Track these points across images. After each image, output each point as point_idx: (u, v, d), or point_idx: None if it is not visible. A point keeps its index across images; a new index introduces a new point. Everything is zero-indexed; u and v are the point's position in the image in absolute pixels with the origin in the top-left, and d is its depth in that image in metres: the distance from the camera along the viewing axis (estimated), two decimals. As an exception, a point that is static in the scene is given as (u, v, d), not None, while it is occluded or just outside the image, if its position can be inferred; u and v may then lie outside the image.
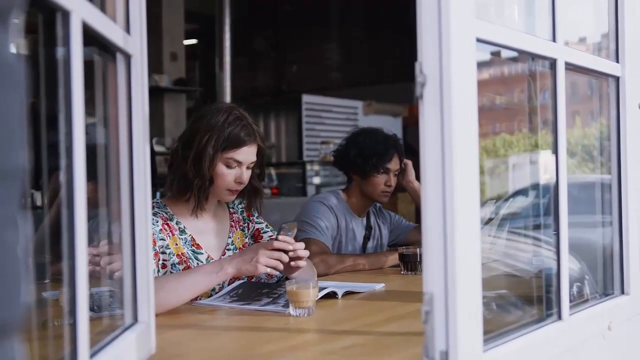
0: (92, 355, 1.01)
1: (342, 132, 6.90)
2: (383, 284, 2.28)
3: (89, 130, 1.00)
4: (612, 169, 1.72)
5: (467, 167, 1.10)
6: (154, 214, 2.06)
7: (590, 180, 1.82)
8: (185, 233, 2.12)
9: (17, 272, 0.59)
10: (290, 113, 8.56)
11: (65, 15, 0.93)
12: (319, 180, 7.65)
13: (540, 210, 1.61)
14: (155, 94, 6.74)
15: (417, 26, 1.09)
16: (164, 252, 2.04)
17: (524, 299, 1.56)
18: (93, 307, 1.23)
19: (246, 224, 2.28)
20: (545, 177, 1.57)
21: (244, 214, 2.29)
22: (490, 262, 1.53)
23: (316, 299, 1.80)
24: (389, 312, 1.88)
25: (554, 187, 1.44)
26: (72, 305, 0.94)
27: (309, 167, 7.66)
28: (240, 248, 2.22)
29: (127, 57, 1.27)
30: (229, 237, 2.22)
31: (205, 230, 2.17)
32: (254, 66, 10.12)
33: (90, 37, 1.03)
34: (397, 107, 8.59)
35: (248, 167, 2.11)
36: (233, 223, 2.25)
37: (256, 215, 2.32)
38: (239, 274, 1.94)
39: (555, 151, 1.43)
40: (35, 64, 0.89)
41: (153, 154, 6.37)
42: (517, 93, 1.75)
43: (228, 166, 2.08)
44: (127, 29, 1.27)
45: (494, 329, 1.24)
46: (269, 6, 9.92)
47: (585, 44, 1.83)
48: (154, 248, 1.97)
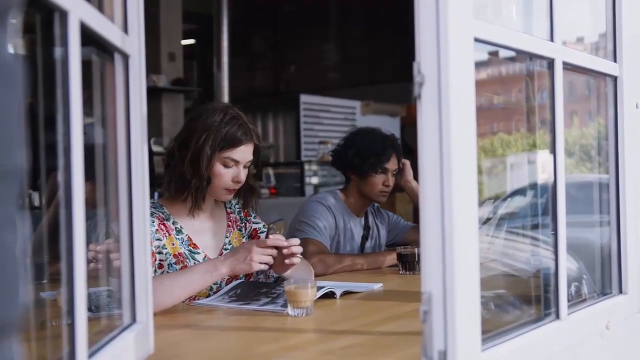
0: (90, 355, 1.01)
1: (340, 132, 6.91)
2: (381, 284, 2.28)
3: (86, 130, 1.00)
4: (610, 168, 1.72)
5: (465, 167, 1.10)
6: (150, 214, 2.05)
7: (588, 180, 1.82)
8: (182, 233, 2.12)
9: (15, 272, 0.59)
10: (288, 113, 8.55)
11: (63, 15, 0.93)
12: (317, 180, 7.65)
13: (538, 210, 1.61)
14: (153, 94, 6.73)
15: (415, 26, 1.09)
16: (160, 252, 2.04)
17: (522, 299, 1.56)
18: (91, 307, 1.23)
19: (243, 224, 2.28)
20: (543, 177, 1.57)
21: (241, 214, 2.29)
22: (488, 262, 1.53)
23: (314, 298, 1.80)
24: (387, 311, 1.88)
25: (552, 186, 1.44)
26: (71, 305, 0.94)
27: (307, 167, 7.65)
28: None
29: (125, 57, 1.27)
30: (226, 237, 2.22)
31: (202, 230, 2.17)
32: (252, 66, 10.12)
33: (88, 37, 1.03)
34: (395, 107, 8.59)
35: (245, 166, 2.12)
36: (230, 223, 2.25)
37: (253, 215, 2.32)
38: (232, 273, 1.95)
39: (553, 151, 1.43)
40: (33, 64, 0.89)
41: (151, 154, 6.36)
42: (515, 93, 1.75)
43: (225, 165, 2.08)
44: (125, 29, 1.27)
45: (492, 329, 1.24)
46: (267, 6, 9.92)
47: (583, 44, 1.83)
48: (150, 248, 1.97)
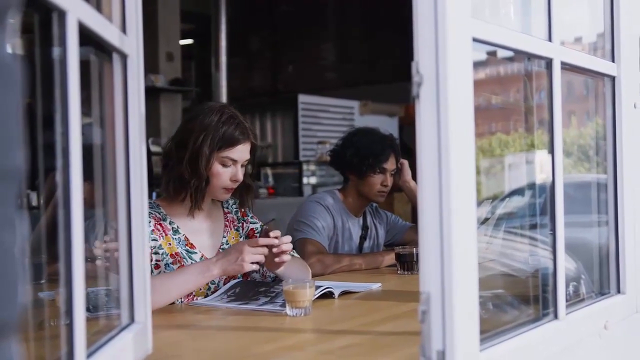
0: (88, 356, 1.01)
1: (338, 132, 6.89)
2: (379, 284, 2.28)
3: (85, 130, 1.00)
4: (608, 168, 1.73)
5: (463, 167, 1.10)
6: None
7: (586, 180, 1.82)
8: (179, 233, 2.12)
9: (14, 272, 0.59)
10: (286, 113, 8.55)
11: (62, 15, 0.93)
12: (316, 180, 7.64)
13: (536, 210, 1.61)
14: (151, 94, 6.73)
15: (414, 26, 1.09)
16: (156, 253, 2.04)
17: (520, 299, 1.56)
18: (89, 307, 1.22)
19: (240, 224, 2.29)
20: (541, 177, 1.57)
21: (238, 214, 2.30)
22: (486, 262, 1.53)
23: (313, 298, 1.80)
24: (386, 311, 1.88)
25: (550, 186, 1.44)
26: (69, 305, 0.94)
27: (305, 167, 7.64)
28: None
29: (124, 57, 1.27)
30: (224, 237, 2.22)
31: (199, 230, 2.17)
32: (250, 66, 10.12)
33: (87, 37, 1.03)
34: (393, 107, 8.58)
35: (242, 165, 2.13)
36: (227, 223, 2.26)
37: (250, 215, 2.32)
38: (224, 274, 1.97)
39: (551, 151, 1.43)
40: (31, 64, 0.89)
41: (149, 154, 6.34)
42: (513, 93, 1.75)
43: (224, 165, 2.09)
44: (124, 29, 1.27)
45: (490, 329, 1.24)
46: (265, 6, 9.93)
47: (581, 44, 1.83)
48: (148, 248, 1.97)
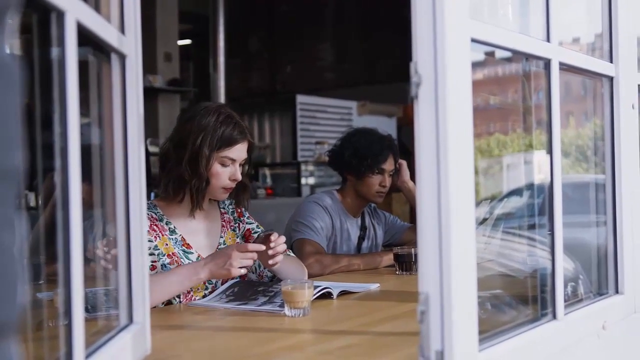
0: (87, 356, 1.01)
1: (336, 132, 6.90)
2: (378, 284, 2.28)
3: (83, 130, 1.00)
4: (606, 169, 1.73)
5: (462, 167, 1.10)
6: None
7: (584, 180, 1.82)
8: (176, 233, 2.12)
9: (14, 272, 0.59)
10: (284, 113, 8.55)
11: (60, 15, 0.93)
12: (314, 180, 7.64)
13: (534, 210, 1.61)
14: (149, 94, 6.73)
15: (412, 26, 1.09)
16: (152, 254, 2.04)
17: (518, 299, 1.57)
18: (87, 307, 1.22)
19: (237, 224, 2.29)
20: (539, 177, 1.57)
21: (235, 214, 2.30)
22: (485, 262, 1.53)
23: (311, 299, 1.80)
24: (384, 312, 1.88)
25: (548, 187, 1.44)
26: (68, 306, 0.94)
27: (303, 167, 7.64)
28: None
29: (122, 58, 1.27)
30: (221, 237, 2.22)
31: (196, 230, 2.18)
32: (248, 66, 10.11)
33: (85, 37, 1.03)
34: (391, 108, 8.59)
35: (240, 164, 2.14)
36: (224, 223, 2.26)
37: (246, 215, 2.33)
38: (212, 278, 1.98)
39: (549, 151, 1.44)
40: (29, 65, 0.89)
41: (147, 154, 6.35)
42: (511, 93, 1.75)
43: (223, 165, 2.10)
44: (122, 29, 1.27)
45: (489, 329, 1.24)
46: (264, 6, 9.92)
47: (579, 44, 1.84)
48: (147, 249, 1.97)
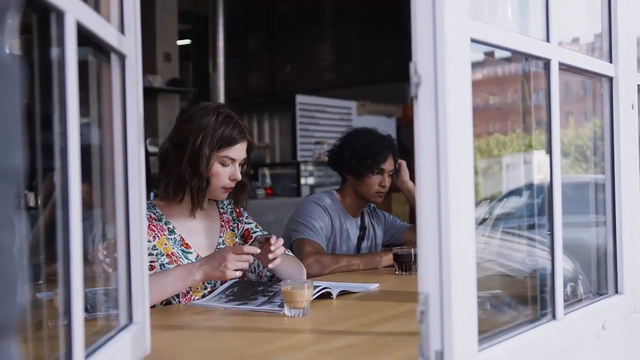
0: (87, 356, 1.01)
1: (336, 132, 6.90)
2: (378, 284, 2.28)
3: (83, 130, 1.00)
4: (606, 169, 1.73)
5: (461, 167, 1.10)
6: None
7: (584, 180, 1.82)
8: (175, 233, 2.12)
9: (13, 272, 0.59)
10: (284, 113, 8.54)
11: (60, 15, 0.93)
12: (313, 180, 7.64)
13: (534, 210, 1.61)
14: (148, 94, 6.72)
15: (412, 26, 1.09)
16: (150, 254, 2.04)
17: (518, 299, 1.57)
18: (87, 307, 1.22)
19: (235, 224, 2.29)
20: (539, 177, 1.57)
21: (233, 214, 2.30)
22: (484, 262, 1.53)
23: (311, 299, 1.80)
24: (384, 312, 1.88)
25: (548, 187, 1.44)
26: (67, 306, 0.94)
27: (303, 167, 7.64)
28: None
29: (122, 58, 1.27)
30: (220, 237, 2.22)
31: (195, 230, 2.18)
32: (248, 66, 10.11)
33: (85, 37, 1.03)
34: (390, 108, 8.59)
35: (240, 164, 2.14)
36: (223, 223, 2.26)
37: (245, 215, 2.33)
38: (207, 279, 1.98)
39: (549, 151, 1.44)
40: (29, 65, 0.89)
41: (147, 154, 6.35)
42: (511, 93, 1.75)
43: (223, 164, 2.11)
44: (122, 29, 1.27)
45: (488, 329, 1.24)
46: (263, 6, 9.92)
47: (578, 44, 1.84)
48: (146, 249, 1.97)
